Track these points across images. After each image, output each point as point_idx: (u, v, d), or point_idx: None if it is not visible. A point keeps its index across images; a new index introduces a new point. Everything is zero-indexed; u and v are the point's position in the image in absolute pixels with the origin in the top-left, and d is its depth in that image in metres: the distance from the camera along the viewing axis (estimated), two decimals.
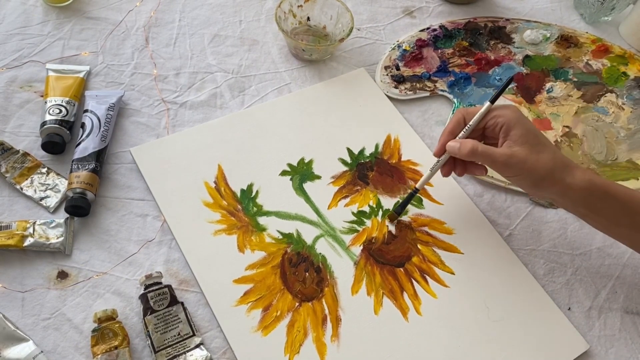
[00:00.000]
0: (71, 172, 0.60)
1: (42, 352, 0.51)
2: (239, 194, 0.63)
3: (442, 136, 0.60)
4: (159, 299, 0.54)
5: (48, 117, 0.63)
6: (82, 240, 0.59)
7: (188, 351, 0.53)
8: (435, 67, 0.79)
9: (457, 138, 0.59)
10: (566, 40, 0.85)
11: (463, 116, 0.59)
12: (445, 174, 0.62)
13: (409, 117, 0.74)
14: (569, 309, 0.61)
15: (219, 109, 0.71)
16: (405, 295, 0.59)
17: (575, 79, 0.81)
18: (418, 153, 0.70)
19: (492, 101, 0.58)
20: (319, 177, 0.66)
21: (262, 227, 0.61)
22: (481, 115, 0.58)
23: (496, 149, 0.56)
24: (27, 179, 0.61)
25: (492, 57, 0.81)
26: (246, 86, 0.73)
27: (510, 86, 0.78)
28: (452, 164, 0.61)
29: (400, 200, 0.65)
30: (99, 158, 0.62)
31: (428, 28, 0.83)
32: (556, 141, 0.74)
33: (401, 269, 0.61)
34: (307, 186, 0.65)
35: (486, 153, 0.56)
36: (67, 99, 0.65)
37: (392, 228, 0.63)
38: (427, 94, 0.76)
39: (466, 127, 0.59)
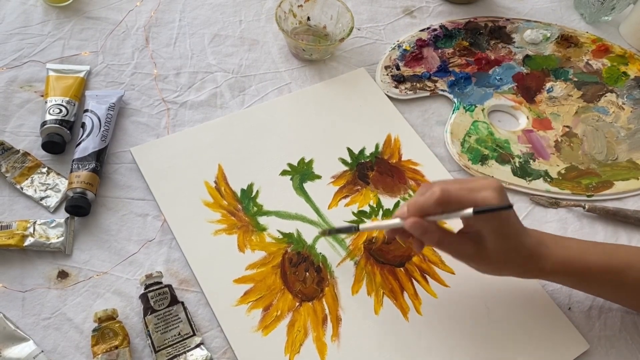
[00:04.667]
0: (71, 171, 0.60)
1: (42, 351, 0.51)
2: (239, 194, 0.63)
3: (412, 210, 0.50)
4: (159, 298, 0.54)
5: (48, 117, 0.63)
6: (82, 240, 0.59)
7: (188, 351, 0.53)
8: (435, 67, 0.79)
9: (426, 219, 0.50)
10: (566, 40, 0.85)
11: (441, 207, 0.49)
12: (390, 235, 0.55)
13: (409, 117, 0.74)
14: (569, 309, 0.61)
15: (219, 108, 0.71)
16: (405, 295, 0.59)
17: (575, 79, 0.81)
18: (418, 153, 0.70)
19: (475, 213, 0.47)
20: (319, 177, 0.66)
21: (262, 227, 0.61)
22: (458, 216, 0.49)
23: (465, 249, 0.51)
24: (27, 179, 0.61)
25: (493, 57, 0.81)
26: (246, 86, 0.73)
27: (510, 85, 0.78)
28: (401, 230, 0.53)
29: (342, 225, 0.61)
30: (99, 158, 0.62)
31: (428, 28, 0.83)
32: (556, 141, 0.74)
33: (401, 269, 0.61)
34: (307, 186, 0.65)
35: (453, 249, 0.51)
36: (67, 98, 0.65)
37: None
38: (427, 93, 0.76)
39: (438, 217, 0.49)
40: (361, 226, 0.55)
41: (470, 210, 0.47)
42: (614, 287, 0.56)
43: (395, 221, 0.51)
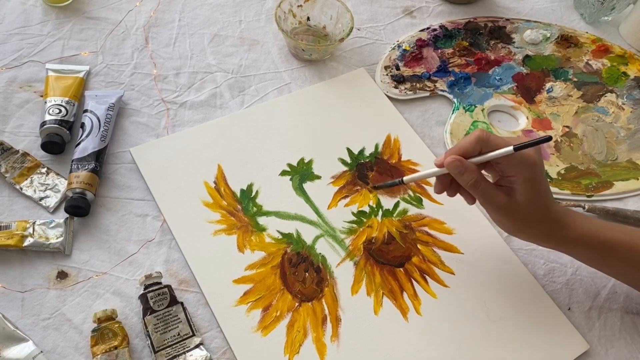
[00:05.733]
0: (71, 172, 0.60)
1: (41, 352, 0.51)
2: (238, 194, 0.63)
3: (452, 149, 0.53)
4: (159, 299, 0.54)
5: (48, 117, 0.63)
6: (81, 240, 0.59)
7: (188, 351, 0.53)
8: (435, 67, 0.79)
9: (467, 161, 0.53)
10: (566, 40, 0.85)
11: (480, 145, 0.52)
12: (438, 192, 0.57)
13: (409, 117, 0.73)
14: (569, 309, 0.61)
15: (219, 109, 0.70)
16: (405, 295, 0.59)
17: (575, 79, 0.81)
18: (418, 153, 0.70)
19: (516, 149, 0.49)
20: (318, 177, 0.66)
21: (261, 227, 0.61)
22: (498, 155, 0.51)
23: (498, 197, 0.52)
24: (26, 179, 0.61)
25: (492, 57, 0.81)
26: (246, 86, 0.73)
27: (510, 85, 0.78)
28: (447, 182, 0.55)
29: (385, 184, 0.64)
30: (99, 158, 0.62)
31: (428, 28, 0.83)
32: (556, 141, 0.74)
33: (401, 269, 0.61)
34: (307, 186, 0.65)
35: (486, 195, 0.52)
36: (66, 99, 0.65)
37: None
38: (427, 94, 0.76)
39: (478, 158, 0.52)
40: (405, 178, 0.58)
41: (510, 148, 0.49)
42: (635, 266, 0.56)
43: (435, 169, 0.54)
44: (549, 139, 0.47)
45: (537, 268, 0.63)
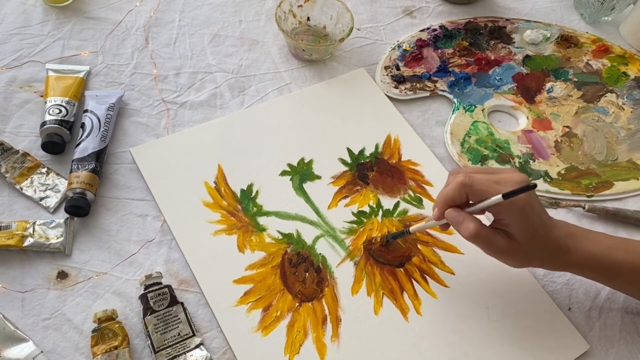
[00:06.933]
0: (71, 172, 0.60)
1: (42, 352, 0.51)
2: (239, 194, 0.63)
3: (440, 202, 0.53)
4: (159, 299, 0.54)
5: (48, 117, 0.63)
6: (82, 240, 0.59)
7: (188, 351, 0.53)
8: (435, 67, 0.79)
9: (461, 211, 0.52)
10: (566, 40, 0.85)
11: (465, 191, 0.51)
12: (444, 229, 0.57)
13: (409, 117, 0.74)
14: (569, 309, 0.61)
15: (219, 109, 0.70)
16: (405, 295, 0.59)
17: (575, 79, 0.81)
18: (418, 153, 0.70)
19: (505, 197, 0.48)
20: (319, 177, 0.66)
21: (262, 227, 0.61)
22: (488, 205, 0.50)
23: (499, 243, 0.51)
24: (27, 179, 0.61)
25: (492, 57, 0.81)
26: (246, 86, 0.73)
27: (510, 85, 0.78)
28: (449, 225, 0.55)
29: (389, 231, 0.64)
30: (99, 158, 0.62)
31: (428, 28, 0.83)
32: (556, 141, 0.74)
33: (401, 269, 0.61)
34: (307, 186, 0.65)
35: (489, 244, 0.52)
36: (67, 99, 0.65)
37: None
38: (427, 94, 0.76)
39: (470, 210, 0.52)
40: (411, 229, 0.60)
41: (499, 197, 0.49)
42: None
43: (433, 222, 0.55)
44: (535, 186, 0.48)
45: (537, 268, 0.63)
